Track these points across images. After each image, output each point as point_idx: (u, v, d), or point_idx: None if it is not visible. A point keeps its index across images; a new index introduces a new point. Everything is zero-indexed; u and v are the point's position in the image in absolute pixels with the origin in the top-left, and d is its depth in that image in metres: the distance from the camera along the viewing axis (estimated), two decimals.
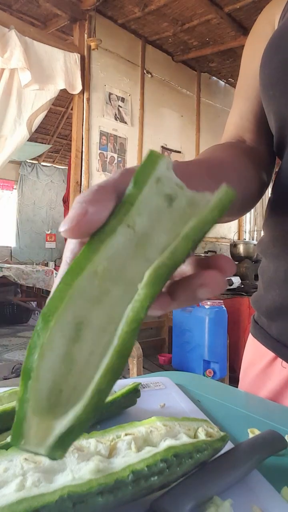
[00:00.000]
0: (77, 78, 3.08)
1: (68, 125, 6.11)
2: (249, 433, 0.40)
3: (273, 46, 0.51)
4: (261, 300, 0.59)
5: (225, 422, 0.45)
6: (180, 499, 0.27)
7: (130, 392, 0.44)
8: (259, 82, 0.53)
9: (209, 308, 2.84)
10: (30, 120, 3.02)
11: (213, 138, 4.41)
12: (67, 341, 0.21)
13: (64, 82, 2.99)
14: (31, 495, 0.23)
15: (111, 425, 0.33)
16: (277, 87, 0.50)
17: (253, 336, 0.62)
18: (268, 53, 0.51)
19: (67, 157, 6.88)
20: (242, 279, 3.66)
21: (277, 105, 0.51)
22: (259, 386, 0.59)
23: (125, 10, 3.30)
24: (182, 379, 0.59)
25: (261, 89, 0.53)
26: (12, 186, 7.42)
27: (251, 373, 0.61)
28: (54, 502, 0.23)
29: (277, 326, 0.56)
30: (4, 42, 2.63)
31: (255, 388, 0.59)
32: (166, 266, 0.21)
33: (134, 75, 3.66)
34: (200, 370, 2.82)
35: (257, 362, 0.60)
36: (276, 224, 0.54)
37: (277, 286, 0.55)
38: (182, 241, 0.22)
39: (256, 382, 0.60)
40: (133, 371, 2.24)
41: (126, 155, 3.57)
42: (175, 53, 3.97)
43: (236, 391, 0.60)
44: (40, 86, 2.84)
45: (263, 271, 0.60)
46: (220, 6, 3.18)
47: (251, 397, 0.57)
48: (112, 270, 0.22)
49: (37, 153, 6.92)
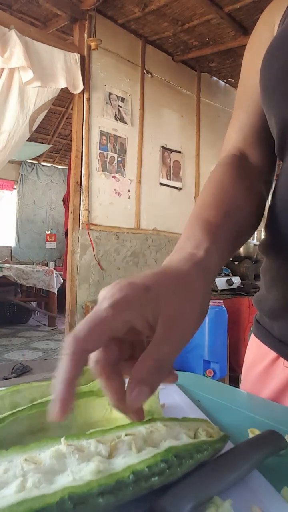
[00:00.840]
0: (78, 77, 3.08)
1: (68, 125, 6.11)
2: (249, 433, 0.40)
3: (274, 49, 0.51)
4: (264, 300, 0.59)
5: (225, 422, 0.45)
6: (180, 499, 0.27)
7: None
8: (260, 86, 0.54)
9: (209, 308, 2.83)
10: (33, 118, 3.02)
11: (213, 138, 4.42)
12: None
13: (66, 81, 2.98)
14: (32, 496, 0.23)
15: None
16: (277, 90, 0.50)
17: (255, 336, 0.62)
18: (268, 56, 0.52)
19: (67, 157, 6.88)
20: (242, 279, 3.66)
21: (278, 108, 0.51)
22: (262, 386, 0.59)
23: (125, 10, 3.30)
24: (182, 379, 0.59)
25: (262, 92, 0.53)
26: (12, 186, 7.42)
27: (253, 373, 0.61)
28: (54, 503, 0.23)
29: (279, 325, 0.56)
30: (4, 41, 2.63)
31: (258, 388, 0.60)
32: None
33: (134, 75, 3.66)
34: (200, 370, 2.82)
35: (259, 362, 0.60)
36: (278, 225, 0.54)
37: (279, 286, 0.55)
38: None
39: (258, 382, 0.60)
40: None
41: (126, 155, 3.57)
42: (175, 53, 3.97)
43: (236, 391, 0.60)
44: (42, 84, 2.83)
45: (265, 271, 0.60)
46: (220, 6, 3.18)
47: (251, 397, 0.57)
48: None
49: (37, 153, 6.92)
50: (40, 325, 5.36)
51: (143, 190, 3.71)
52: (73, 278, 3.14)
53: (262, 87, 0.53)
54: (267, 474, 0.33)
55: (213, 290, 3.45)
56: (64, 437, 0.29)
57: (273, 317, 0.57)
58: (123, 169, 3.54)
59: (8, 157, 3.12)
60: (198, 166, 4.28)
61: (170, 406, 0.47)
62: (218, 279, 3.44)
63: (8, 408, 0.41)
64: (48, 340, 4.48)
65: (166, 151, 3.95)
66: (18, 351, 3.93)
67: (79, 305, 3.12)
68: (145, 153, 3.73)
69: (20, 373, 3.12)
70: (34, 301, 5.66)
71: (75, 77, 3.07)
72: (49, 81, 2.89)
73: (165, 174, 3.95)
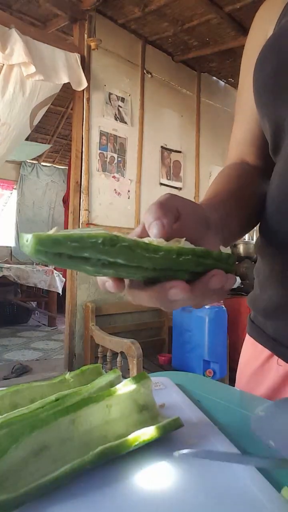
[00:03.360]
0: (81, 75, 3.06)
1: (68, 125, 6.10)
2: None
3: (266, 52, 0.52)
4: (257, 300, 0.61)
5: (225, 422, 0.45)
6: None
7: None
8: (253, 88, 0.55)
9: (209, 308, 2.84)
10: (34, 113, 3.01)
11: (213, 138, 4.41)
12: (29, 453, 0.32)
13: (68, 77, 2.96)
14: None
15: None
16: (270, 91, 0.51)
17: (249, 335, 0.63)
18: (261, 58, 0.52)
19: (67, 157, 6.88)
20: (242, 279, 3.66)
21: (271, 110, 0.52)
22: (256, 385, 0.60)
23: (125, 10, 3.29)
24: (182, 379, 0.59)
25: (255, 94, 0.54)
26: (12, 186, 7.41)
27: (247, 371, 0.62)
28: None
29: (272, 324, 0.57)
30: (4, 40, 2.63)
31: (252, 386, 0.60)
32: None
33: (134, 75, 3.66)
34: (200, 370, 2.82)
35: (253, 360, 0.61)
36: (271, 225, 0.55)
37: (272, 285, 0.56)
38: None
39: (252, 380, 0.61)
40: (133, 371, 2.24)
41: (126, 155, 3.57)
42: (175, 53, 3.97)
43: (236, 391, 0.60)
44: (45, 78, 2.81)
45: (258, 271, 0.61)
46: (220, 6, 3.18)
47: (252, 397, 0.57)
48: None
49: (37, 153, 6.91)
50: (40, 325, 5.36)
51: (143, 190, 3.71)
52: (73, 278, 3.14)
53: (255, 89, 0.54)
54: (267, 474, 0.33)
55: None
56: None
57: (266, 316, 0.58)
58: (123, 169, 3.54)
59: (8, 151, 3.09)
60: (198, 166, 4.28)
61: (170, 406, 0.47)
62: None
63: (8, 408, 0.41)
64: (48, 340, 4.48)
65: (166, 151, 3.95)
66: (18, 351, 3.93)
67: (79, 305, 3.12)
68: (145, 153, 3.73)
69: (20, 373, 3.12)
70: (34, 301, 5.66)
71: (78, 74, 3.06)
72: (51, 76, 2.87)
73: (165, 174, 3.95)
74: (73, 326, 3.07)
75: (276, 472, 0.35)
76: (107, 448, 0.33)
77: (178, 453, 0.33)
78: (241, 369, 0.65)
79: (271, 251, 0.56)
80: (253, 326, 0.62)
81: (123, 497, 0.30)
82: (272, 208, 0.54)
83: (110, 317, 3.30)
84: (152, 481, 0.33)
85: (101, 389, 0.42)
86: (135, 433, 0.36)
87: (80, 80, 3.05)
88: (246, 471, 0.33)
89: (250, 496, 0.30)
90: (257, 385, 0.59)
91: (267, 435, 0.37)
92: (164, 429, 0.37)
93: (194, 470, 0.34)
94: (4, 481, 0.30)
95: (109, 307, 3.26)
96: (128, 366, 2.28)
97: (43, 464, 0.32)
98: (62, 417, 0.35)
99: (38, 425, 0.33)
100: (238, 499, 0.29)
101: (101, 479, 0.33)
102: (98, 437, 0.36)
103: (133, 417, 0.39)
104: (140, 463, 0.35)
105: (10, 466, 0.31)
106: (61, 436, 0.33)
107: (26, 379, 3.03)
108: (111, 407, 0.38)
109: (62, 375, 0.47)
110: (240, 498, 0.30)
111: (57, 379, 0.46)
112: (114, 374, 0.45)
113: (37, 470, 0.32)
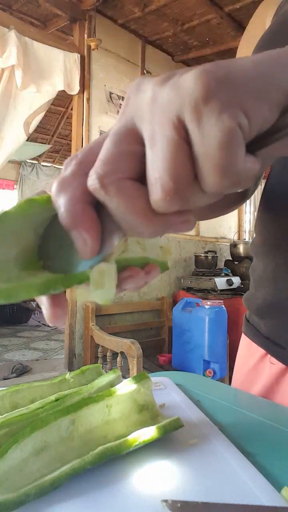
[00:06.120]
0: (76, 79, 3.08)
1: (68, 125, 6.10)
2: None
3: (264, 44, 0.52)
4: (252, 299, 0.61)
5: (225, 422, 0.45)
6: None
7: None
8: None
9: (209, 308, 2.84)
10: (27, 122, 3.01)
11: None
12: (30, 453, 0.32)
13: (63, 83, 2.98)
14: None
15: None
16: None
17: (245, 334, 0.64)
18: (261, 47, 0.52)
19: (67, 157, 6.85)
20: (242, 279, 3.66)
21: None
22: (251, 383, 0.60)
23: (125, 10, 3.29)
24: (182, 379, 0.59)
25: None
26: (12, 186, 7.42)
27: (243, 370, 0.63)
28: None
29: (266, 323, 0.58)
30: (4, 42, 2.63)
31: (247, 385, 0.61)
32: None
33: (134, 75, 3.66)
34: (200, 370, 2.83)
35: (248, 359, 0.62)
36: (265, 225, 0.56)
37: (266, 284, 0.57)
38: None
39: (248, 379, 0.61)
40: (133, 371, 2.24)
41: None
42: (175, 53, 3.97)
43: (236, 391, 0.61)
44: (38, 89, 2.83)
45: (253, 270, 0.62)
46: (220, 6, 3.18)
47: (252, 397, 0.57)
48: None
49: (37, 153, 6.91)
50: (40, 325, 5.36)
51: None
52: None
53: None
54: (267, 474, 0.33)
55: (213, 290, 3.45)
56: None
57: (260, 315, 0.59)
58: None
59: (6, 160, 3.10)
60: None
61: (170, 406, 0.47)
62: (218, 279, 3.44)
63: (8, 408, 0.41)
64: (48, 340, 4.48)
65: None
66: (18, 351, 3.93)
67: (79, 305, 3.11)
68: None
69: (20, 373, 3.12)
70: (34, 301, 5.66)
71: (72, 78, 3.07)
72: (45, 84, 2.89)
73: None
74: (73, 326, 3.08)
75: (276, 472, 0.35)
76: (107, 448, 0.33)
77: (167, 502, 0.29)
78: (237, 368, 0.66)
79: (265, 250, 0.57)
80: (248, 325, 0.63)
81: (123, 497, 0.30)
82: (266, 210, 0.55)
83: (110, 317, 3.30)
84: (152, 481, 0.33)
85: (101, 389, 0.42)
86: (135, 433, 0.36)
87: (73, 84, 3.07)
88: (246, 471, 0.33)
89: (250, 496, 0.30)
90: (251, 384, 0.60)
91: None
92: (164, 429, 0.37)
93: (194, 470, 0.34)
94: (4, 481, 0.30)
95: (109, 307, 3.26)
96: (128, 366, 2.28)
97: (43, 464, 0.32)
98: (62, 417, 0.35)
99: (38, 425, 0.33)
100: (238, 499, 0.29)
101: (101, 479, 0.33)
102: (98, 437, 0.36)
103: (133, 417, 0.39)
104: (140, 463, 0.35)
105: (10, 466, 0.31)
106: (61, 436, 0.33)
107: (26, 379, 3.03)
108: (111, 407, 0.38)
109: (62, 375, 0.47)
110: (240, 498, 0.30)
111: (57, 379, 0.46)
112: (114, 374, 0.45)
113: (37, 470, 0.32)
